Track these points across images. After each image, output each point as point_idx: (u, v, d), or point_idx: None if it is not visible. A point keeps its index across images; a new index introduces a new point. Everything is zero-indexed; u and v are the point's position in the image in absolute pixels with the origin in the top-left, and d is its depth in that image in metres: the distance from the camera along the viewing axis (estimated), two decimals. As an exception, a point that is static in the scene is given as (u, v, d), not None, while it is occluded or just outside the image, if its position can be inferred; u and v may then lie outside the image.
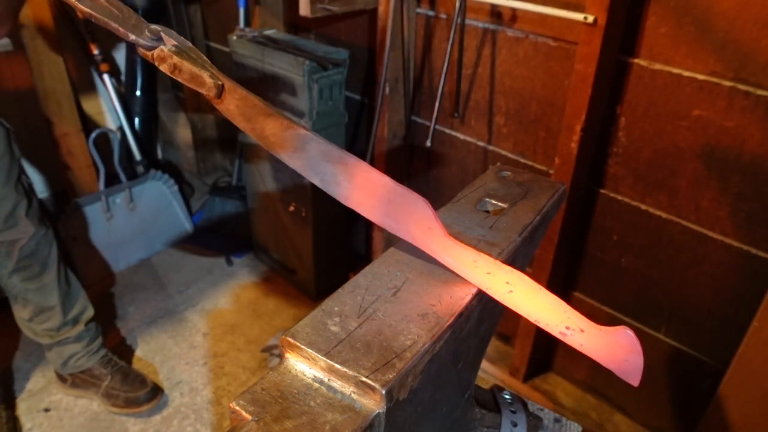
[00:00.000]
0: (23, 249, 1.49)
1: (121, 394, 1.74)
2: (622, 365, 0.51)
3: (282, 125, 0.58)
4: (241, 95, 0.58)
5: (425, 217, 0.56)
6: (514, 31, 1.54)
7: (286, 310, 2.20)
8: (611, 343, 0.50)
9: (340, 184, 0.57)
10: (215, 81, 0.57)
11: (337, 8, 1.72)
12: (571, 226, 1.59)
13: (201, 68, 0.58)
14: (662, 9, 1.27)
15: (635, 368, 0.50)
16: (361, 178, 0.56)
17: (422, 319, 0.53)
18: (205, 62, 0.60)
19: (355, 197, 0.57)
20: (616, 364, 0.51)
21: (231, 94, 0.59)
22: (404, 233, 0.58)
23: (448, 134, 1.84)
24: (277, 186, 2.16)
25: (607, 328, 0.50)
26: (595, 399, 1.80)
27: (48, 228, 1.56)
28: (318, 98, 1.82)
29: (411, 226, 0.57)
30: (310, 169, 0.58)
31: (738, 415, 1.31)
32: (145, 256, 2.43)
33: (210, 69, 0.59)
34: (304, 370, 0.50)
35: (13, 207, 1.44)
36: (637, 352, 0.50)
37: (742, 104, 1.22)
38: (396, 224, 0.57)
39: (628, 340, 0.50)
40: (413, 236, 0.58)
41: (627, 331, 0.49)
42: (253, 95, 0.59)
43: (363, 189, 0.57)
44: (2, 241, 1.47)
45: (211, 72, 0.58)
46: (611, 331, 0.50)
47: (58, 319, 1.63)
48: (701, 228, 1.39)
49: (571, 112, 1.40)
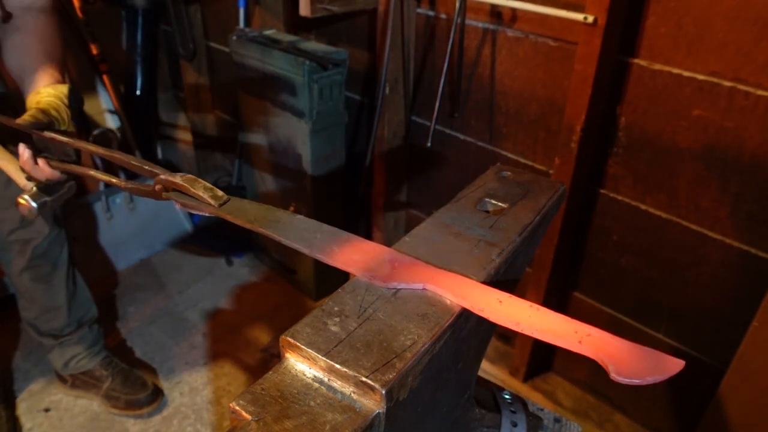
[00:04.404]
0: (36, 248, 1.50)
1: (122, 397, 1.74)
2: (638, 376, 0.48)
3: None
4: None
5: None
6: (514, 31, 1.54)
7: (286, 310, 2.20)
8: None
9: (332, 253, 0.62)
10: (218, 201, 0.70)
11: (337, 8, 1.72)
12: (571, 226, 1.59)
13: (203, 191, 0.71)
14: (662, 9, 1.27)
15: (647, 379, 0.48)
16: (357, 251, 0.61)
17: (422, 319, 0.53)
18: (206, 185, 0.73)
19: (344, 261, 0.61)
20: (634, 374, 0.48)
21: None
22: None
23: (448, 134, 1.84)
24: (277, 186, 2.16)
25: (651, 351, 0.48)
26: (595, 399, 1.79)
27: (61, 229, 1.56)
28: (318, 98, 1.82)
29: None
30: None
31: (738, 415, 1.31)
32: (145, 256, 2.43)
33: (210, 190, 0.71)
34: (304, 370, 0.50)
35: None
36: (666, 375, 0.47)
37: (742, 104, 1.22)
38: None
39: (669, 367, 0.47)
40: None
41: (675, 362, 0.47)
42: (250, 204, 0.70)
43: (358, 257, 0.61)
44: (16, 240, 1.47)
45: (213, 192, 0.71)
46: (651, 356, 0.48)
47: (62, 319, 1.63)
48: (701, 228, 1.39)
49: (571, 112, 1.40)
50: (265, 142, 2.07)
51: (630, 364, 0.47)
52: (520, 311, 0.52)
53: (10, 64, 1.15)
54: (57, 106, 1.02)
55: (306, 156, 1.92)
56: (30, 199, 0.99)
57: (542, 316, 0.51)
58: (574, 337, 0.49)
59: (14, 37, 1.15)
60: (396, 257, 0.59)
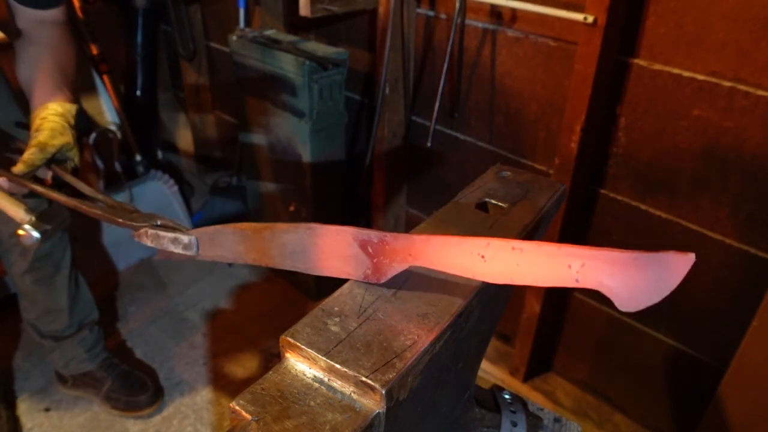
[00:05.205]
0: (38, 251, 1.49)
1: (122, 398, 1.74)
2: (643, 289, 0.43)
3: (262, 236, 0.62)
4: (213, 230, 0.65)
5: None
6: (514, 31, 1.54)
7: (286, 310, 2.20)
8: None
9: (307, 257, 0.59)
10: (190, 237, 0.67)
11: (337, 8, 1.72)
12: (571, 226, 1.59)
13: (174, 231, 0.69)
14: (662, 9, 1.27)
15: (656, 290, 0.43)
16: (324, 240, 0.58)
17: (422, 319, 0.53)
18: (177, 225, 0.72)
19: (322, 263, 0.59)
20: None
21: (202, 238, 0.67)
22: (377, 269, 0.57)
23: (448, 134, 1.84)
24: (277, 186, 2.16)
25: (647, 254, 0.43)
26: (595, 399, 1.79)
27: (64, 232, 1.56)
28: (318, 98, 1.82)
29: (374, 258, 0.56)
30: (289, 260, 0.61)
31: (738, 415, 1.31)
32: (146, 256, 2.43)
33: (181, 228, 0.70)
34: (304, 370, 0.50)
35: (34, 206, 1.44)
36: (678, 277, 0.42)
37: (742, 104, 1.22)
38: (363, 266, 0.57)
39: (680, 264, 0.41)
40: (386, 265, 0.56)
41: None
42: (223, 227, 0.65)
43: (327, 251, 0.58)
44: (19, 242, 1.47)
45: (182, 229, 0.69)
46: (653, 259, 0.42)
47: (63, 321, 1.63)
48: (701, 228, 1.39)
49: (571, 112, 1.40)
50: (265, 142, 2.07)
51: (634, 285, 0.43)
52: (507, 263, 0.48)
53: (21, 75, 1.15)
54: (62, 129, 1.02)
55: (306, 156, 1.92)
56: (31, 229, 0.97)
57: (530, 260, 0.47)
58: (569, 273, 0.45)
59: (28, 50, 1.15)
60: (364, 236, 0.56)
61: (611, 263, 0.43)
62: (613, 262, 0.43)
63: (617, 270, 0.43)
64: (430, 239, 0.52)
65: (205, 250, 0.67)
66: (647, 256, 0.42)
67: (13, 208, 0.96)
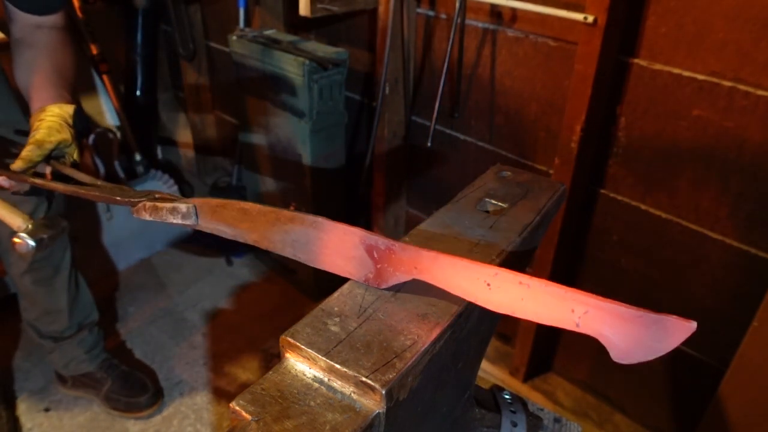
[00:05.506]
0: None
1: (122, 399, 1.74)
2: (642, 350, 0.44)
3: (267, 219, 0.61)
4: (217, 203, 0.65)
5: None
6: (514, 31, 1.54)
7: (286, 310, 2.20)
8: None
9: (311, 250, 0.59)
10: (188, 205, 0.66)
11: (337, 8, 1.72)
12: (571, 226, 1.59)
13: (172, 201, 0.68)
14: (662, 9, 1.27)
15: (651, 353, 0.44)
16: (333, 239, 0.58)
17: (422, 319, 0.53)
18: (176, 197, 0.71)
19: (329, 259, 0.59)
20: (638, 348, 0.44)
21: (203, 208, 0.66)
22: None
23: (448, 134, 1.84)
24: (277, 186, 2.16)
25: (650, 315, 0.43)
26: (595, 399, 1.79)
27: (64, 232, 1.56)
28: (318, 98, 1.82)
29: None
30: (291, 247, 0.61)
31: (738, 415, 1.31)
32: (145, 256, 2.43)
33: (180, 199, 0.69)
34: (304, 370, 0.50)
35: (33, 210, 1.43)
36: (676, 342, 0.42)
37: (742, 104, 1.22)
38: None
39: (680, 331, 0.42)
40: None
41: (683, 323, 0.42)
42: (228, 201, 0.65)
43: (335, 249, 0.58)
44: (14, 250, 1.46)
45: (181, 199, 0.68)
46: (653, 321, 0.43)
47: (63, 322, 1.63)
48: (701, 228, 1.39)
49: (571, 112, 1.40)
50: (265, 142, 2.07)
51: (633, 341, 0.44)
52: (511, 295, 0.48)
53: (19, 79, 1.14)
54: (60, 127, 1.01)
55: (306, 156, 1.92)
56: (27, 237, 0.94)
57: (535, 297, 0.47)
58: (570, 317, 0.46)
59: (26, 53, 1.14)
60: (372, 242, 0.56)
61: (614, 316, 0.44)
62: (616, 316, 0.44)
63: (619, 323, 0.44)
64: (438, 257, 0.52)
65: (205, 221, 0.66)
66: (650, 317, 0.43)
67: (10, 216, 0.95)
